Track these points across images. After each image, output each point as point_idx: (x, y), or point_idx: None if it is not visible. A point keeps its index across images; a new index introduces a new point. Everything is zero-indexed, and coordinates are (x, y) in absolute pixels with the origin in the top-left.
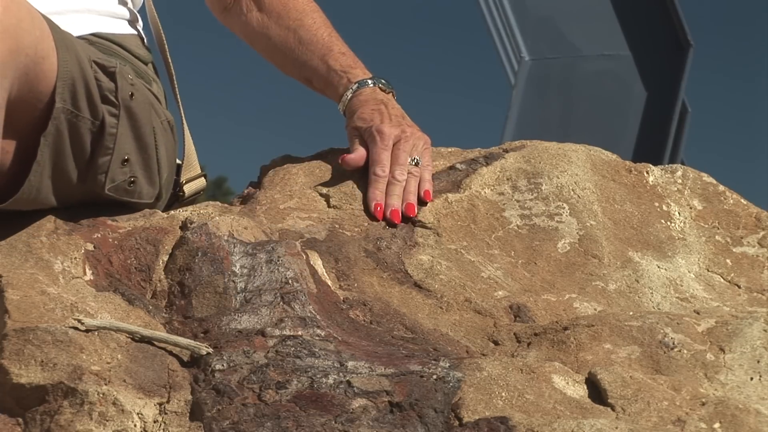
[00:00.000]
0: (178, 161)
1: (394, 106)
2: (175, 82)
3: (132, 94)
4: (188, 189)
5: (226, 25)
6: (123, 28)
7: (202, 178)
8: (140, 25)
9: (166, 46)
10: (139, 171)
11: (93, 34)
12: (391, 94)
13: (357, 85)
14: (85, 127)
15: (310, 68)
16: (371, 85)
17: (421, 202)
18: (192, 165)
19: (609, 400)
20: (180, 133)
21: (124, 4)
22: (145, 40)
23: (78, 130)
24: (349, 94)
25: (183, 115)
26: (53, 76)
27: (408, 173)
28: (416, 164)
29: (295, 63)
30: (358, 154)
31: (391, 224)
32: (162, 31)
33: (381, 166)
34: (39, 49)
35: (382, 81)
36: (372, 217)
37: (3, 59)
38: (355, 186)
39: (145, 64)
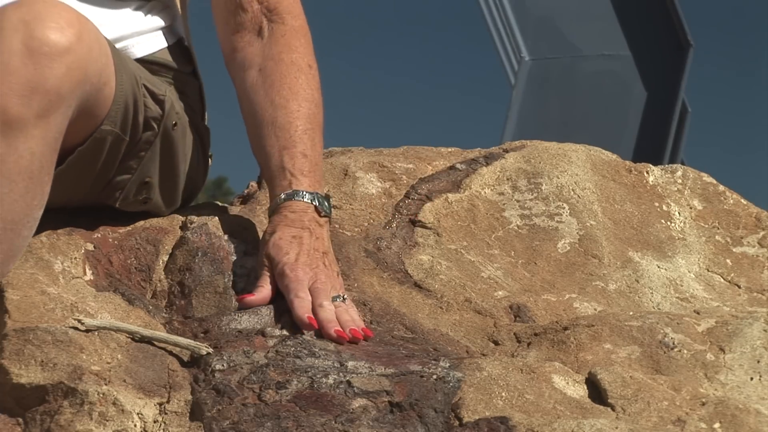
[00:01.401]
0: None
1: (319, 236)
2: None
3: (175, 124)
4: None
5: (230, 74)
6: (165, 40)
7: (208, 158)
8: (176, 21)
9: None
10: (157, 193)
11: (140, 60)
12: (326, 219)
13: (294, 194)
14: (122, 148)
15: (266, 153)
16: (307, 200)
17: (352, 341)
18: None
19: (609, 400)
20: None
21: (160, 10)
22: (188, 40)
23: (116, 150)
24: (279, 200)
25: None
26: (110, 101)
27: (336, 306)
28: (343, 300)
29: (259, 142)
30: (261, 296)
31: (338, 342)
32: None
33: (302, 291)
34: (102, 76)
35: (325, 203)
36: (309, 328)
37: (71, 90)
38: (355, 186)
39: (186, 73)
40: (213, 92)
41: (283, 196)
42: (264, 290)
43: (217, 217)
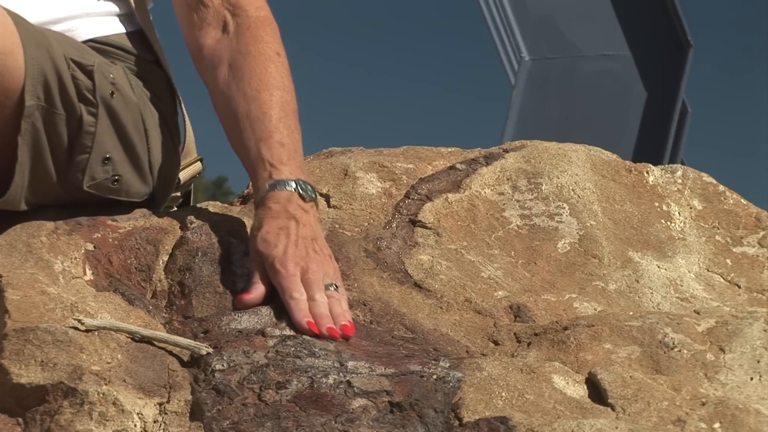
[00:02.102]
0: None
1: (306, 223)
2: (172, 79)
3: (112, 93)
4: (183, 174)
5: (199, 72)
6: (121, 27)
7: (198, 162)
8: (137, 14)
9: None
10: (126, 169)
11: (91, 40)
12: (312, 203)
13: (275, 185)
14: (62, 125)
15: (244, 147)
16: (290, 189)
17: (343, 337)
18: (188, 150)
19: (609, 400)
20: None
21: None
22: (150, 33)
23: (55, 127)
24: (262, 192)
25: (181, 103)
26: (21, 73)
27: (328, 297)
28: (335, 289)
29: (236, 136)
30: (257, 294)
31: (330, 339)
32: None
33: (296, 291)
34: (0, 46)
35: (309, 187)
36: (308, 332)
37: None
38: (355, 186)
39: (148, 61)
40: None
41: (266, 187)
42: (259, 287)
43: (217, 217)
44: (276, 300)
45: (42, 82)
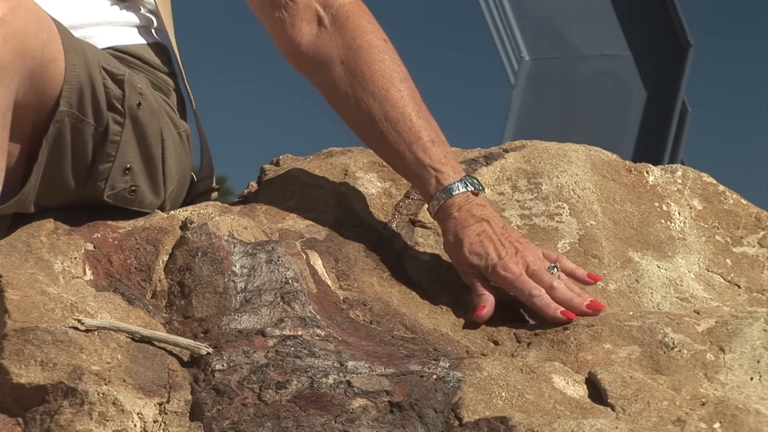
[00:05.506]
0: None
1: (494, 220)
2: (191, 95)
3: (139, 104)
4: (196, 200)
5: (300, 71)
6: (141, 38)
7: (215, 192)
8: (156, 26)
9: (181, 62)
10: (142, 181)
11: (111, 48)
12: (483, 195)
13: (448, 191)
14: (88, 133)
15: (396, 153)
16: (461, 190)
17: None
18: (208, 176)
19: (609, 400)
20: (195, 144)
21: (138, 10)
22: (167, 47)
23: (81, 135)
24: (438, 201)
25: (197, 118)
26: (60, 80)
27: (561, 278)
28: (557, 269)
29: (380, 141)
30: (490, 304)
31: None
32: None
33: (534, 289)
34: (46, 53)
35: (474, 181)
36: (565, 322)
37: (9, 62)
38: (355, 186)
39: (165, 73)
40: (212, 93)
41: (441, 196)
42: (489, 298)
43: (217, 217)
44: (275, 300)
45: (77, 90)
